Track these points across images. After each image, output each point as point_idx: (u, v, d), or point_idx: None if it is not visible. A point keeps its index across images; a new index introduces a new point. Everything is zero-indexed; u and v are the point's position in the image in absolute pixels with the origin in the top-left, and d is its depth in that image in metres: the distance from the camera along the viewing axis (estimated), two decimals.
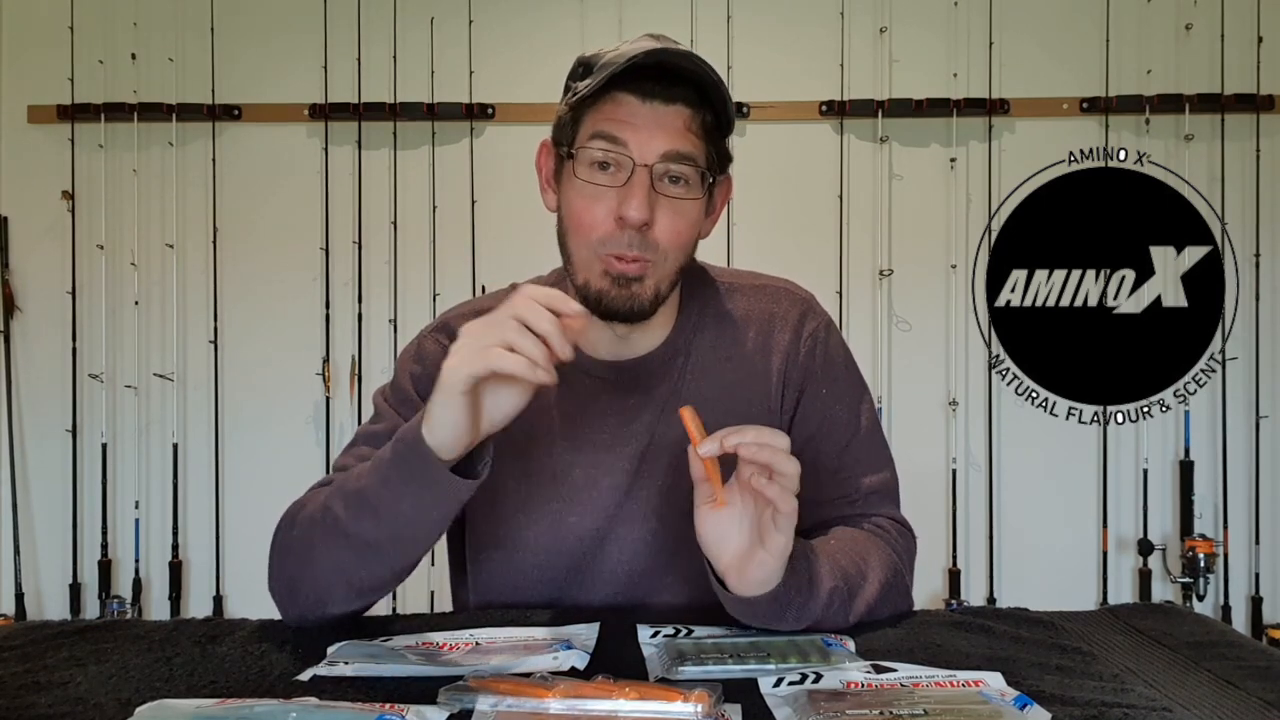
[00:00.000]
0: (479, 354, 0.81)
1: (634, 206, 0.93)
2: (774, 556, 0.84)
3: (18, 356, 2.87)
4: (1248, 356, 2.78)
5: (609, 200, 0.95)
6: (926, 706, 0.68)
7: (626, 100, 0.95)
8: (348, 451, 1.06)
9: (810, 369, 1.08)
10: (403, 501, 0.86)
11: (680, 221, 0.97)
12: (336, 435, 2.83)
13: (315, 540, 0.92)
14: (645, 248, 0.95)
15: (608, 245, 0.96)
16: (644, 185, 0.94)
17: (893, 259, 2.84)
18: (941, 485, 2.84)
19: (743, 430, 0.83)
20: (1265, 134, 2.77)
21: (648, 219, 0.94)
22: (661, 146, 0.95)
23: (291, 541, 0.96)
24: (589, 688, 0.69)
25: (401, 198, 2.83)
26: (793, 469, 0.82)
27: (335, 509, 0.91)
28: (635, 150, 0.94)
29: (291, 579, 0.95)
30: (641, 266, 0.96)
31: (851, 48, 2.82)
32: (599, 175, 0.96)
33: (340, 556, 0.91)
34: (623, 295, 0.97)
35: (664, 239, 0.96)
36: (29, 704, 0.73)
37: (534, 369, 0.80)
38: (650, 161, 0.94)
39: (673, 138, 0.95)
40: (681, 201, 0.97)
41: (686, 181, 0.97)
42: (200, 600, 2.86)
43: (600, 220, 0.96)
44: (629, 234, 0.95)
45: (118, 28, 2.85)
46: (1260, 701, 0.72)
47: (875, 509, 1.07)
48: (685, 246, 1.00)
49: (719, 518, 0.86)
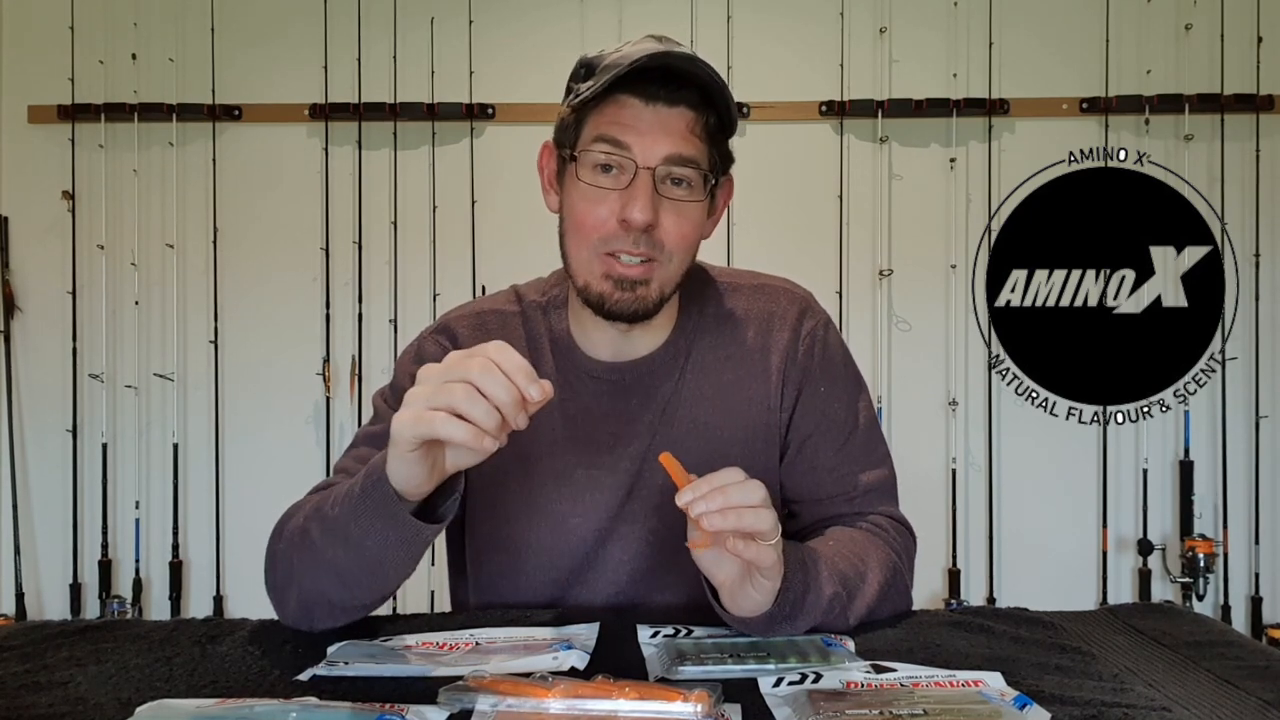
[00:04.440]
0: (425, 417, 0.76)
1: (638, 209, 0.93)
2: (763, 594, 0.85)
3: (18, 356, 2.87)
4: (1247, 356, 2.78)
5: (612, 202, 0.95)
6: (926, 706, 0.68)
7: (630, 103, 0.95)
8: (348, 453, 1.06)
9: (809, 367, 1.09)
10: (369, 537, 0.85)
11: (684, 223, 0.97)
12: (336, 435, 2.83)
13: (295, 559, 0.92)
14: (650, 246, 0.96)
15: (610, 244, 0.96)
16: (647, 188, 0.94)
17: (893, 259, 2.84)
18: (941, 485, 2.84)
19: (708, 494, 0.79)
20: (1265, 134, 2.77)
21: (652, 221, 0.94)
22: (665, 149, 0.95)
23: (278, 554, 0.96)
24: (589, 688, 0.69)
25: (401, 198, 2.83)
26: (767, 524, 0.80)
27: (313, 533, 0.90)
28: (638, 153, 0.94)
29: (281, 590, 0.96)
30: (647, 269, 0.97)
31: (851, 48, 2.82)
32: (602, 178, 0.96)
33: (319, 578, 0.90)
34: (627, 298, 0.97)
35: (669, 240, 0.97)
36: (29, 704, 0.73)
37: (480, 438, 0.75)
38: (653, 164, 0.95)
39: (676, 141, 0.95)
40: (685, 204, 0.97)
41: (689, 184, 0.97)
42: (200, 600, 2.86)
43: (603, 221, 0.96)
44: (633, 235, 0.95)
45: (118, 28, 2.85)
46: (1259, 701, 0.72)
47: (873, 507, 1.08)
48: (689, 248, 1.00)
49: (706, 554, 0.84)
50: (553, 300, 1.11)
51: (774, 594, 0.85)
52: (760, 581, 0.84)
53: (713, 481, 0.80)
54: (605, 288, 0.97)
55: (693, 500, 0.79)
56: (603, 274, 0.97)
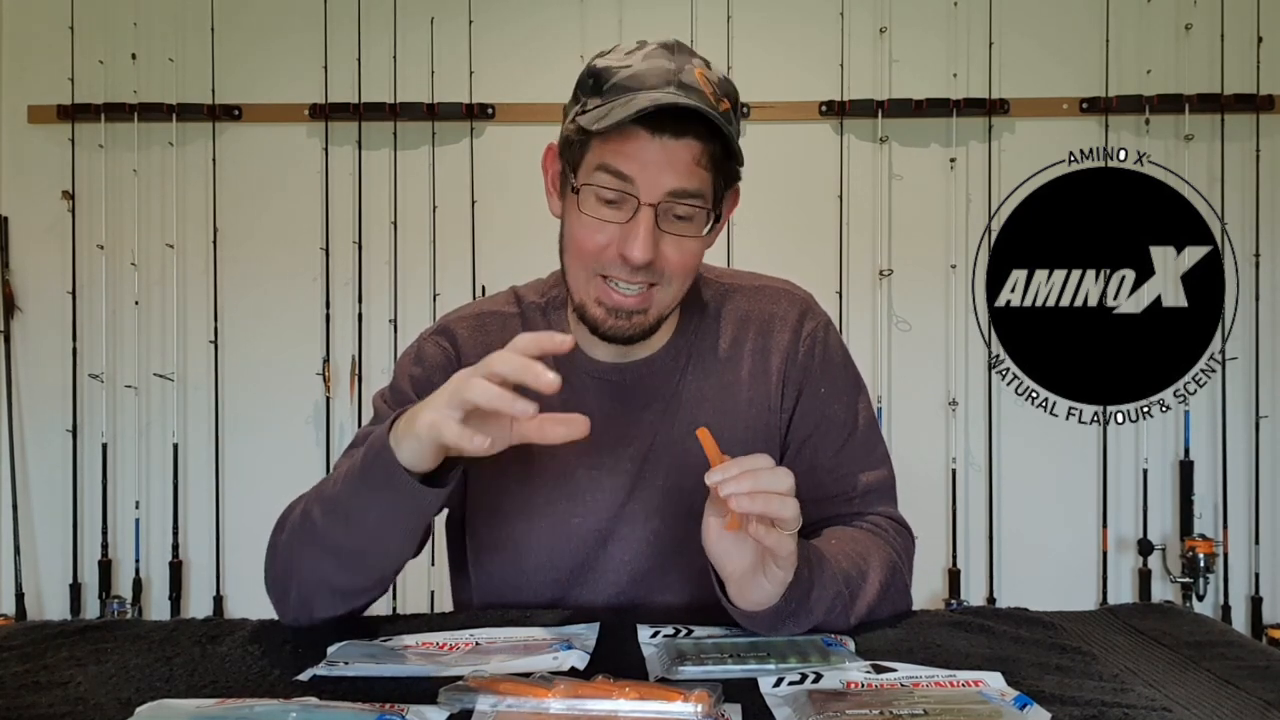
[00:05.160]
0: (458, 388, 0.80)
1: (637, 249, 0.93)
2: (775, 584, 0.85)
3: (18, 356, 2.87)
4: (1248, 356, 2.78)
5: (612, 233, 0.95)
6: (926, 706, 0.68)
7: (636, 134, 0.93)
8: (347, 453, 1.06)
9: (809, 368, 1.09)
10: (370, 511, 0.86)
11: (685, 254, 0.97)
12: (336, 435, 2.83)
13: (297, 546, 0.93)
14: (649, 274, 0.96)
15: (607, 270, 0.96)
16: (649, 225, 0.93)
17: (893, 259, 2.84)
18: (941, 485, 2.84)
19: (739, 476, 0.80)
20: (1265, 134, 2.77)
21: (650, 259, 0.94)
22: (669, 184, 0.93)
23: (279, 546, 0.96)
24: (589, 688, 0.69)
25: (401, 198, 2.83)
26: (791, 513, 0.81)
27: (314, 515, 0.91)
28: (642, 189, 0.93)
29: (281, 583, 0.96)
30: (643, 299, 0.97)
31: (851, 48, 2.82)
32: (604, 210, 0.95)
33: (320, 563, 0.91)
34: (622, 325, 0.98)
35: (669, 267, 0.97)
36: (29, 704, 0.73)
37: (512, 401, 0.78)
38: (655, 200, 0.93)
39: (680, 175, 0.93)
40: (685, 238, 0.96)
41: (691, 219, 0.96)
42: (200, 600, 2.86)
43: (601, 248, 0.96)
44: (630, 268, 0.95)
45: (118, 28, 2.85)
46: (1260, 701, 0.72)
47: (873, 507, 1.08)
48: (689, 272, 1.00)
49: (725, 536, 0.85)
50: (552, 301, 1.11)
51: (784, 586, 0.85)
52: (774, 572, 0.85)
53: (744, 464, 0.81)
54: (599, 314, 0.98)
55: (723, 480, 0.80)
56: (597, 299, 0.98)
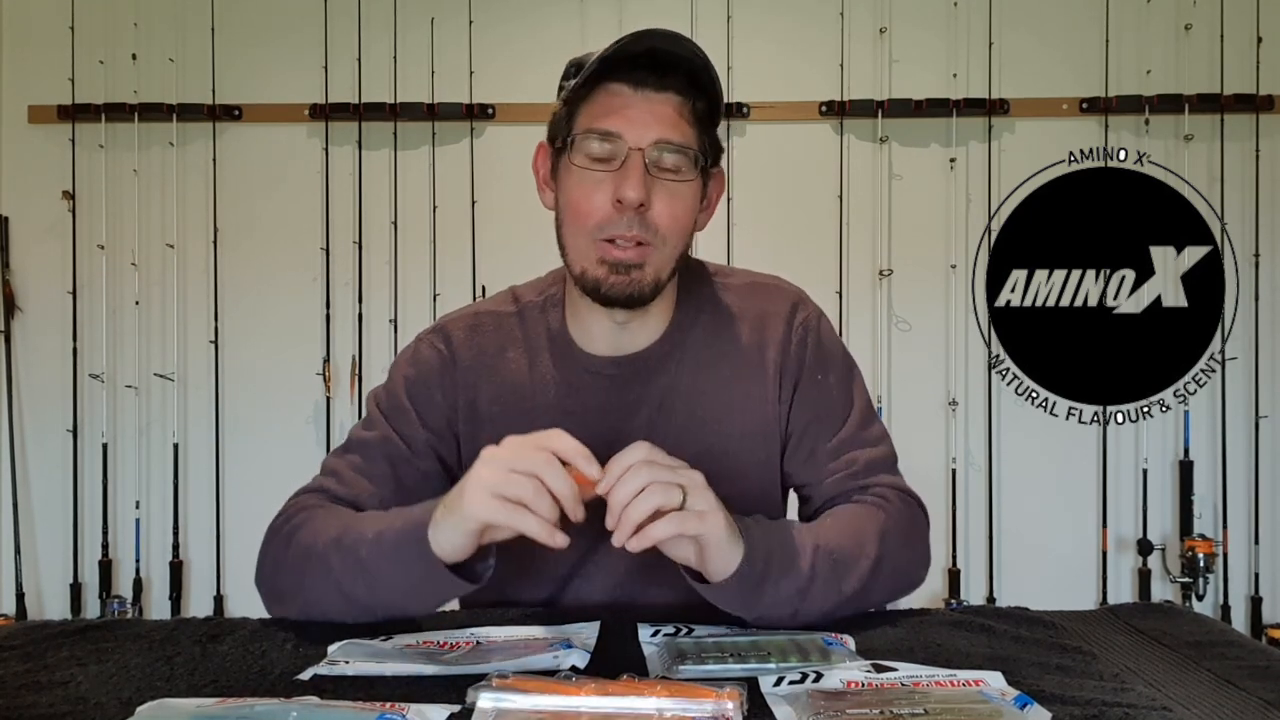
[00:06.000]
0: (500, 506, 0.81)
1: (630, 186, 0.95)
2: (714, 549, 0.85)
3: (18, 356, 2.87)
4: (1247, 356, 2.78)
5: (606, 186, 0.97)
6: (927, 706, 0.68)
7: (619, 90, 0.98)
8: (340, 455, 1.07)
9: (803, 357, 1.10)
10: (397, 581, 0.88)
11: (677, 205, 0.99)
12: (336, 435, 2.83)
13: (307, 575, 0.94)
14: (644, 229, 0.97)
15: (606, 229, 0.98)
16: (639, 168, 0.96)
17: (892, 259, 2.84)
18: (941, 485, 2.84)
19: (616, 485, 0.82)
20: (1265, 134, 2.77)
21: (644, 199, 0.96)
22: (655, 134, 0.97)
23: (284, 560, 0.97)
24: (618, 686, 0.68)
25: (401, 198, 2.83)
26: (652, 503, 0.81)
27: (332, 561, 0.91)
28: (629, 137, 0.96)
29: (279, 593, 0.97)
30: (641, 253, 0.98)
31: (851, 48, 2.82)
32: (595, 164, 0.98)
33: (329, 599, 0.92)
34: (622, 281, 0.99)
35: (662, 223, 0.98)
36: (29, 704, 0.73)
37: (553, 534, 0.81)
38: (644, 145, 0.96)
39: (665, 126, 0.97)
40: (677, 184, 0.99)
41: (680, 167, 0.99)
42: (201, 600, 2.86)
43: (598, 206, 0.98)
44: (627, 217, 0.96)
45: (118, 28, 2.85)
46: (1260, 701, 0.72)
47: (877, 479, 1.07)
48: (683, 231, 1.01)
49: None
50: (550, 298, 1.12)
51: (723, 544, 0.85)
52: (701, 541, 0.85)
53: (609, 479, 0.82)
54: (600, 272, 0.99)
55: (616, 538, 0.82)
56: (598, 259, 0.99)
